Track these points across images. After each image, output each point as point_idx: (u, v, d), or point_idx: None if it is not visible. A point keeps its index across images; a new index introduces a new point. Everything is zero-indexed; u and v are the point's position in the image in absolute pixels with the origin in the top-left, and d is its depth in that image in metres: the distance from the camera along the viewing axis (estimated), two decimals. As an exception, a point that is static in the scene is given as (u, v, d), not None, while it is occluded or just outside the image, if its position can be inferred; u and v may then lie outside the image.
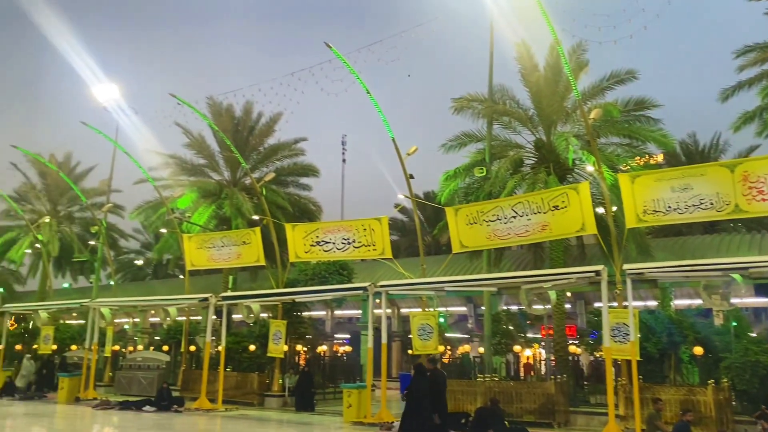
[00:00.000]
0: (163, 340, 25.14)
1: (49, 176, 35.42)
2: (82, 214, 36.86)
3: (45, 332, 25.03)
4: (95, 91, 27.19)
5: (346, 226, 19.46)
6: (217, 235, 23.17)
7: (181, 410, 18.44)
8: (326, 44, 17.25)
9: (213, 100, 28.27)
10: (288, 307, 21.06)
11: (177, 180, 28.65)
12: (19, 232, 35.35)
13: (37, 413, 18.87)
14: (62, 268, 37.79)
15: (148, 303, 24.59)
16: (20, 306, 28.96)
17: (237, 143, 25.89)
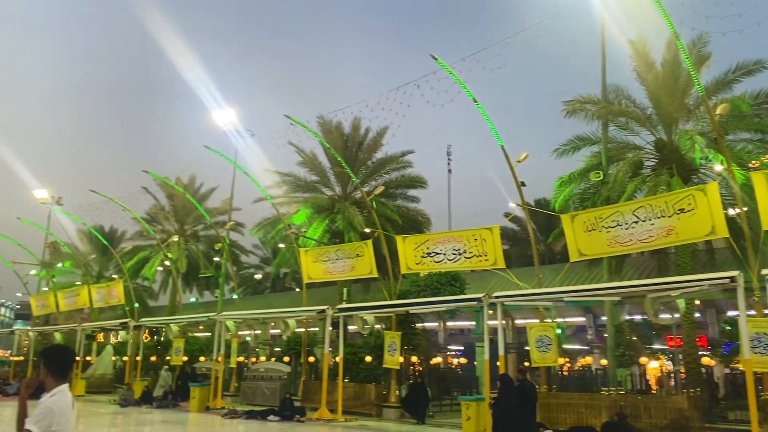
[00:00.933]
0: (283, 352, 26.11)
1: (176, 198, 37.95)
2: (206, 232, 39.15)
3: (176, 344, 26.74)
4: (215, 116, 28.94)
5: (456, 236, 19.36)
6: (332, 249, 23.82)
7: (303, 420, 19.01)
8: (432, 56, 17.33)
9: (323, 118, 29.18)
10: (401, 319, 21.23)
11: (292, 197, 29.79)
12: (151, 251, 38.07)
13: (172, 421, 20.16)
14: (190, 283, 40.23)
15: (269, 315, 25.59)
16: (154, 320, 31.12)
17: (346, 159, 26.52)
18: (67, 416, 4.09)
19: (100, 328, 34.35)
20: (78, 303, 37.79)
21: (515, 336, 29.08)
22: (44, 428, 3.90)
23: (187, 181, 38.16)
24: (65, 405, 4.11)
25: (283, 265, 32.90)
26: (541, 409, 15.88)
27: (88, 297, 36.01)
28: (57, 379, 4.19)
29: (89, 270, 42.41)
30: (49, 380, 4.18)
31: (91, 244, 43.48)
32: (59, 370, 4.22)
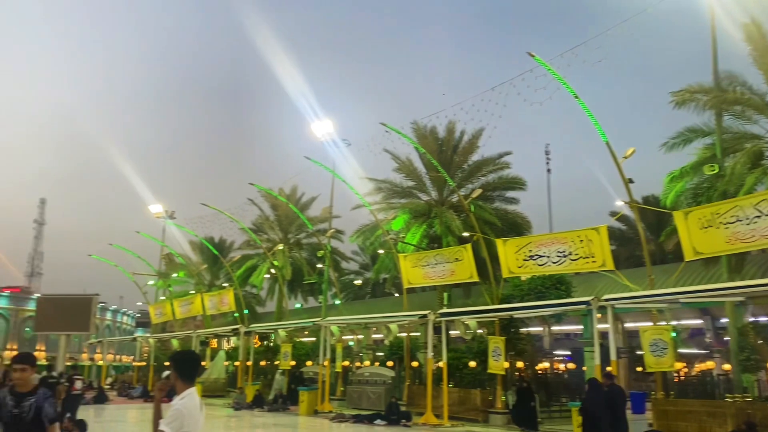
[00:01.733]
0: (386, 356, 26.34)
1: (280, 208, 39.34)
2: (308, 240, 40.31)
3: (284, 349, 27.65)
4: (314, 127, 29.79)
5: (560, 238, 18.80)
6: (431, 254, 23.81)
7: (409, 424, 19.08)
8: (529, 54, 16.98)
9: (417, 124, 29.28)
10: (505, 324, 20.86)
11: (389, 203, 30.10)
12: (258, 260, 39.65)
13: (283, 424, 20.86)
14: (294, 289, 41.52)
15: (372, 320, 25.93)
16: (263, 326, 32.39)
17: (442, 163, 26.45)
18: (195, 418, 4.31)
19: (214, 334, 36.14)
20: (192, 311, 39.97)
21: (625, 340, 27.85)
22: (176, 429, 4.12)
23: (290, 192, 39.45)
24: (194, 407, 4.33)
25: (383, 270, 33.25)
26: (658, 417, 15.08)
27: (201, 305, 38.02)
28: (186, 382, 4.41)
29: (201, 279, 44.76)
30: (179, 384, 4.41)
31: (203, 254, 45.89)
32: (188, 374, 4.45)
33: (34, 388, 5.21)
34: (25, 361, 5.29)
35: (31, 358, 5.39)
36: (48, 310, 42.76)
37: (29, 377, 5.25)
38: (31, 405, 5.07)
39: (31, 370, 5.28)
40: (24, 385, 5.19)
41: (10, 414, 5.04)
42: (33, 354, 5.61)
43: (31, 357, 5.43)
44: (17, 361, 5.29)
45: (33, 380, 5.36)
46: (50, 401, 5.17)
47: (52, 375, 19.94)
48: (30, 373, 5.26)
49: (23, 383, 5.21)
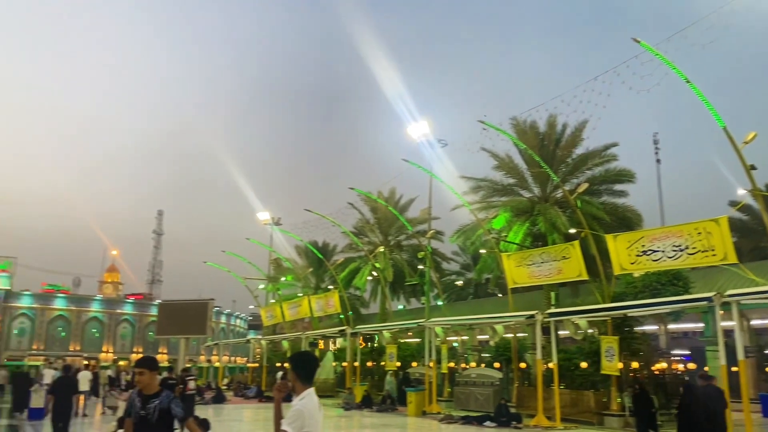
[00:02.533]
0: (492, 357, 25.95)
1: (379, 211, 39.80)
2: (408, 241, 40.49)
3: (389, 350, 27.90)
4: (410, 129, 29.91)
5: (675, 231, 17.75)
6: (536, 252, 23.22)
7: (520, 426, 18.69)
8: (634, 39, 16.19)
9: (516, 119, 28.65)
10: (617, 323, 19.96)
11: (489, 202, 29.64)
12: (360, 262, 40.31)
13: (393, 424, 21.02)
14: (396, 291, 41.83)
15: (477, 321, 25.63)
16: (368, 327, 32.85)
17: (544, 158, 25.72)
18: (315, 418, 4.39)
19: (321, 335, 37.09)
20: (300, 313, 41.24)
21: (752, 338, 25.92)
22: (297, 429, 4.21)
23: (388, 194, 39.83)
24: (313, 407, 4.41)
25: (485, 270, 32.78)
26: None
27: (308, 307, 39.15)
28: (304, 383, 4.51)
29: (308, 282, 46.10)
30: (298, 384, 4.50)
31: (308, 258, 47.26)
32: (306, 375, 4.55)
33: (158, 390, 5.39)
34: (143, 364, 5.49)
35: (149, 362, 5.53)
36: (168, 315, 45.49)
37: (149, 380, 5.42)
38: (155, 407, 5.25)
39: (150, 374, 5.44)
40: (148, 387, 5.39)
41: (138, 415, 5.28)
42: (153, 357, 5.76)
43: (150, 361, 5.58)
44: (137, 365, 5.53)
45: (156, 383, 5.52)
46: (176, 402, 5.34)
47: (171, 377, 21.08)
48: (148, 376, 5.42)
49: (145, 386, 5.41)
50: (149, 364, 5.50)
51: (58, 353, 55.59)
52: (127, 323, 65.88)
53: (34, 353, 59.24)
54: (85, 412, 21.34)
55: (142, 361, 5.54)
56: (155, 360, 5.69)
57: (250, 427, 22.63)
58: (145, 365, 5.48)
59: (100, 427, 18.79)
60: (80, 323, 63.20)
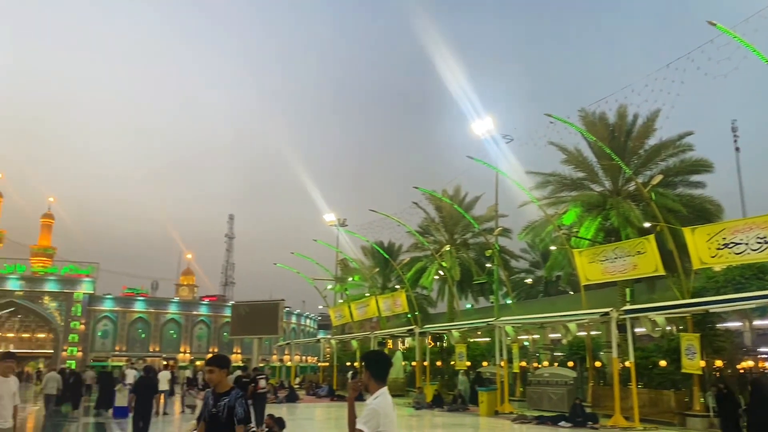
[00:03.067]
0: (566, 356, 25.34)
1: (445, 209, 39.56)
2: (475, 240, 40.05)
3: (459, 350, 27.71)
4: (474, 126, 29.60)
5: (760, 222, 16.85)
6: (609, 247, 22.52)
7: (596, 427, 18.16)
8: (709, 22, 15.44)
9: (584, 111, 27.86)
10: (698, 319, 19.09)
11: (558, 197, 28.94)
12: (426, 261, 40.19)
13: (466, 424, 20.86)
14: (464, 290, 41.45)
15: (549, 320, 25.08)
16: (436, 326, 32.72)
17: (614, 150, 24.90)
18: (390, 417, 4.36)
19: (390, 335, 37.23)
20: (368, 312, 41.52)
21: None
22: (373, 428, 4.19)
23: (453, 192, 39.54)
24: (388, 406, 4.38)
25: (556, 267, 32.04)
26: None
27: (376, 307, 39.36)
28: (378, 382, 4.48)
29: (374, 282, 46.35)
30: (372, 383, 4.48)
31: (374, 258, 47.53)
32: (380, 374, 4.52)
33: (229, 389, 5.42)
34: (213, 362, 5.55)
35: (218, 361, 5.57)
36: (241, 316, 46.87)
37: (219, 378, 5.45)
38: (224, 405, 5.27)
39: (219, 372, 5.47)
40: (219, 385, 5.44)
41: (210, 413, 5.34)
42: (222, 356, 5.79)
43: (219, 359, 5.63)
44: (207, 363, 5.62)
45: (229, 381, 5.54)
46: (240, 402, 5.31)
47: (245, 375, 21.61)
48: (218, 374, 5.45)
49: (216, 384, 5.47)
50: (218, 362, 5.54)
51: (139, 354, 58.06)
52: (202, 324, 68.13)
53: (116, 354, 62.12)
54: (166, 411, 22.18)
55: (212, 360, 5.61)
56: (225, 358, 5.71)
57: (323, 425, 22.94)
58: (215, 363, 5.54)
59: (179, 425, 19.48)
60: (159, 325, 65.81)
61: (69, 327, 60.80)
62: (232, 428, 5.27)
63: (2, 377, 8.11)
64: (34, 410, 24.01)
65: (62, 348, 60.04)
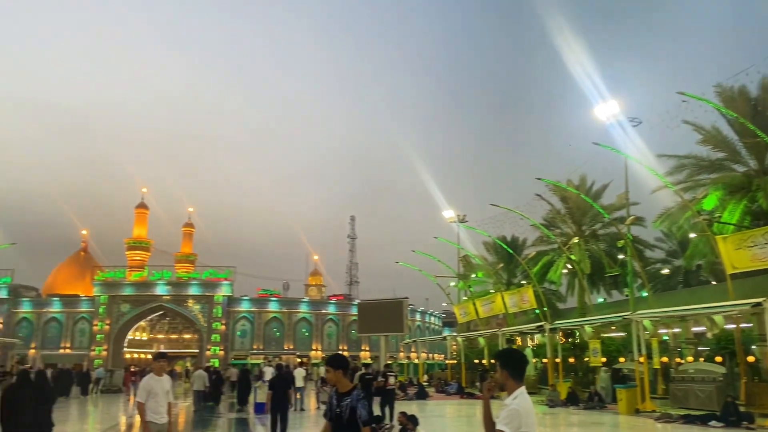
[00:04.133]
0: (712, 351, 23.48)
1: (570, 200, 38.07)
2: (605, 230, 38.21)
3: (593, 345, 26.52)
4: (598, 111, 28.26)
5: None
6: (757, 232, 20.64)
7: (753, 427, 16.64)
8: None
9: (721, 86, 25.75)
10: None
11: (696, 180, 27.03)
12: (553, 255, 38.94)
13: (603, 423, 19.96)
14: (595, 283, 39.71)
15: (693, 312, 23.38)
16: (567, 322, 31.55)
17: (759, 126, 22.76)
18: (531, 418, 4.19)
19: (518, 332, 36.42)
20: (494, 309, 40.91)
21: None
22: (514, 429, 4.04)
23: (579, 182, 38.00)
24: (528, 406, 4.21)
25: (696, 256, 29.94)
26: None
27: (502, 303, 38.70)
28: (517, 381, 4.32)
29: (499, 278, 45.59)
30: (510, 382, 4.32)
31: (497, 253, 46.77)
32: (518, 373, 4.35)
33: (350, 389, 5.33)
34: (327, 363, 5.52)
35: (332, 361, 5.49)
36: (367, 314, 47.77)
37: (335, 378, 5.38)
38: (347, 406, 5.19)
39: (334, 372, 5.39)
40: (340, 385, 5.37)
41: (334, 413, 5.31)
42: (337, 356, 5.65)
43: (333, 359, 5.53)
44: (326, 363, 5.61)
45: (347, 381, 5.43)
46: (363, 403, 5.18)
47: (369, 372, 22.07)
48: (332, 374, 5.39)
49: (335, 383, 5.42)
50: (332, 363, 5.47)
51: (275, 352, 61.03)
52: (331, 322, 70.38)
53: (254, 352, 65.65)
54: (302, 407, 23.06)
55: (328, 360, 5.59)
56: (339, 358, 5.56)
57: (454, 423, 22.85)
58: (329, 363, 5.50)
59: (315, 420, 20.16)
60: (291, 324, 68.79)
61: (211, 327, 65.09)
62: (354, 428, 5.20)
63: (157, 376, 8.69)
64: (185, 406, 25.86)
65: (206, 347, 64.39)
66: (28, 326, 65.93)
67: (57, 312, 66.92)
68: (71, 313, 66.69)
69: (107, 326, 64.27)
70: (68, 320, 66.44)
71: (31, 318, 66.36)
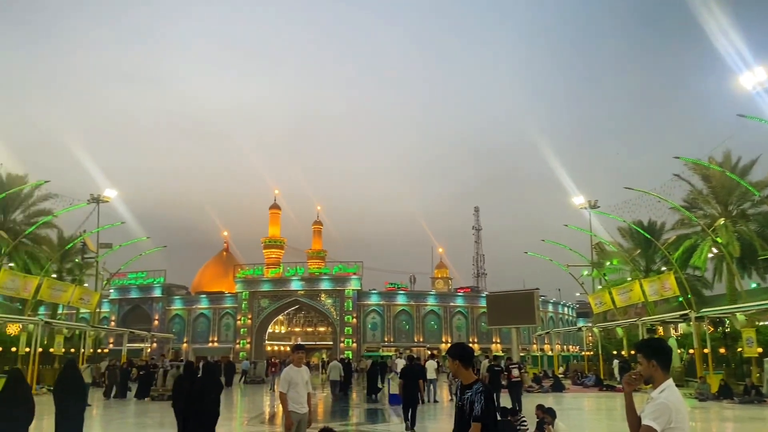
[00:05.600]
0: None
1: (713, 178, 35.15)
2: (755, 209, 34.97)
3: (747, 335, 24.43)
4: (743, 79, 25.86)
5: None
6: None
7: None
8: None
9: None
10: None
11: None
12: (696, 239, 36.23)
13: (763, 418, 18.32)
14: (746, 268, 36.49)
15: None
16: (716, 310, 29.25)
17: None
18: (682, 412, 3.88)
19: (660, 321, 34.29)
20: (632, 298, 38.80)
21: None
22: (663, 425, 3.76)
23: (722, 159, 34.97)
24: (678, 400, 3.91)
25: None
26: None
27: (640, 291, 36.59)
28: (664, 372, 4.03)
29: (636, 265, 43.16)
30: (658, 374, 4.03)
31: (633, 239, 44.29)
32: (665, 364, 4.06)
33: (472, 381, 5.08)
34: (448, 352, 5.32)
35: (451, 350, 5.26)
36: (496, 306, 47.21)
37: (455, 369, 5.16)
38: (468, 399, 4.98)
39: (452, 363, 5.17)
40: (463, 377, 5.16)
41: (457, 406, 5.16)
42: (458, 345, 5.34)
43: (452, 349, 5.29)
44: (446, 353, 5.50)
45: (468, 373, 5.16)
46: (479, 397, 4.89)
47: (496, 364, 21.78)
48: (451, 364, 5.20)
49: (455, 373, 5.22)
50: (451, 352, 5.27)
51: (405, 344, 61.97)
52: (460, 315, 70.20)
53: (386, 345, 66.99)
54: (435, 399, 23.15)
55: (448, 349, 5.43)
56: (458, 348, 5.29)
57: (593, 416, 21.94)
58: (448, 352, 5.33)
59: (449, 412, 20.15)
60: (420, 316, 69.41)
61: (343, 321, 67.26)
62: None
63: (296, 367, 9.03)
64: (322, 397, 26.90)
65: (340, 340, 66.65)
66: (180, 322, 71.67)
67: (204, 308, 72.20)
68: (217, 309, 71.67)
69: (249, 320, 68.41)
70: (215, 315, 71.45)
71: (182, 314, 72.08)
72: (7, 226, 38.93)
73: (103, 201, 42.89)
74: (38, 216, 39.89)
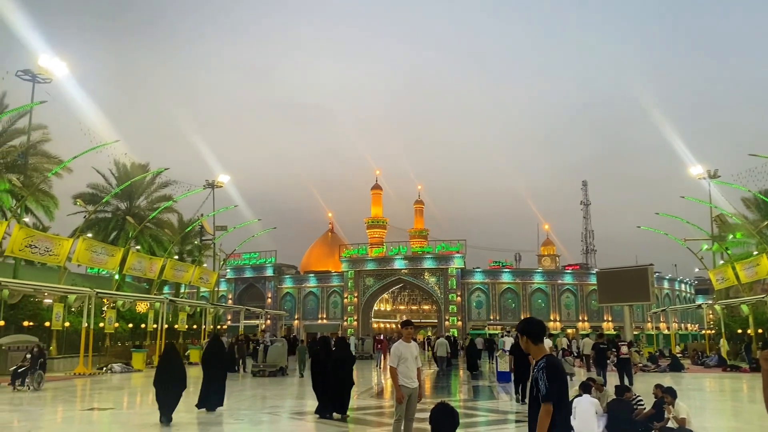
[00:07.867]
0: None
1: None
2: None
3: None
4: None
5: None
6: None
7: None
8: None
9: None
10: None
11: None
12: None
13: None
14: None
15: None
16: None
17: None
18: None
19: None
20: (759, 273, 36.18)
21: None
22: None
23: None
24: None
25: None
26: None
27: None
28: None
29: (763, 238, 40.05)
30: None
31: (760, 210, 41.10)
32: None
33: (540, 358, 4.61)
34: (518, 329, 5.05)
35: (521, 326, 4.91)
36: (607, 283, 45.51)
37: (525, 345, 4.80)
38: (534, 377, 4.53)
39: (521, 338, 4.84)
40: (533, 353, 4.80)
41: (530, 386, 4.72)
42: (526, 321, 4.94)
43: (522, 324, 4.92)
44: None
45: (538, 349, 4.75)
46: (542, 375, 4.38)
47: (602, 342, 21.08)
48: (522, 341, 4.85)
49: (527, 351, 4.90)
50: (519, 328, 4.92)
51: (511, 323, 61.04)
52: (569, 293, 68.24)
53: (491, 323, 66.44)
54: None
55: (517, 325, 5.08)
56: (526, 322, 4.93)
57: (717, 397, 20.77)
58: (517, 328, 5.03)
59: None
60: (526, 294, 68.15)
61: (447, 299, 67.31)
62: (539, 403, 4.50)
63: (405, 342, 9.12)
64: (430, 372, 27.18)
65: (444, 318, 66.86)
66: (291, 300, 74.61)
67: (313, 287, 74.70)
68: (325, 287, 73.95)
69: (356, 299, 70.11)
70: (323, 294, 73.79)
71: (293, 293, 74.97)
72: (133, 212, 42.22)
73: (217, 186, 45.37)
74: (160, 202, 42.91)
